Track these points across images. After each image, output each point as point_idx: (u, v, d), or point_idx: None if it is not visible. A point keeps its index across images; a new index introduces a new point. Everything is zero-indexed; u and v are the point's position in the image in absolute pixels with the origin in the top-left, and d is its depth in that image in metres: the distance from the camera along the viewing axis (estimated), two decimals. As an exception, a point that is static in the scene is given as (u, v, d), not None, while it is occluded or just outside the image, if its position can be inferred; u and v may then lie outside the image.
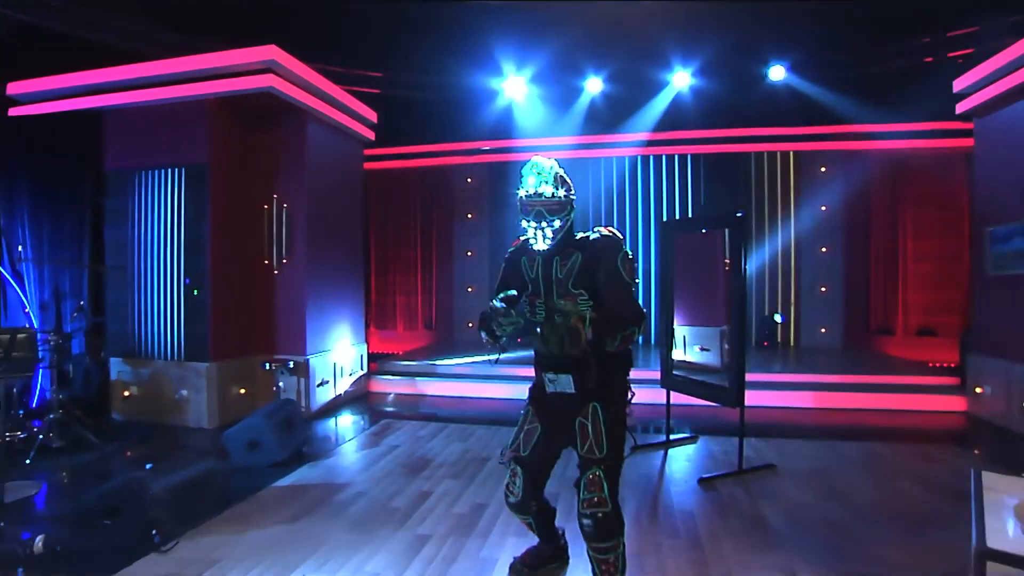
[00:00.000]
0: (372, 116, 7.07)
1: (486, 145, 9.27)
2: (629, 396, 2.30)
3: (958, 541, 2.47)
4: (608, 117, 8.67)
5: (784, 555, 2.83)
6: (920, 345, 8.12)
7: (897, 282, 8.41)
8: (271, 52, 5.16)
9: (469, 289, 9.62)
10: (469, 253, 9.66)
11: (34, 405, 5.77)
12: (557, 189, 2.20)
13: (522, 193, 2.22)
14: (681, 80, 8.09)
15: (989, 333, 5.55)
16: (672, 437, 4.71)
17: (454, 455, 4.47)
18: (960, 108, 6.00)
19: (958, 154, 7.79)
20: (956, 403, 5.83)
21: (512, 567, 2.61)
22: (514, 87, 8.45)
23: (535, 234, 2.23)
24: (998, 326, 5.38)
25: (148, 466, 4.14)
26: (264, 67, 5.23)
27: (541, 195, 2.19)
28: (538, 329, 2.25)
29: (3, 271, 6.02)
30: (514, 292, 2.26)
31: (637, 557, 2.78)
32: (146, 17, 6.08)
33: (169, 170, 5.54)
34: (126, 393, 5.67)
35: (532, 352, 2.39)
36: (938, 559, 2.69)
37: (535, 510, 2.47)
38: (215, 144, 5.48)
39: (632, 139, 8.72)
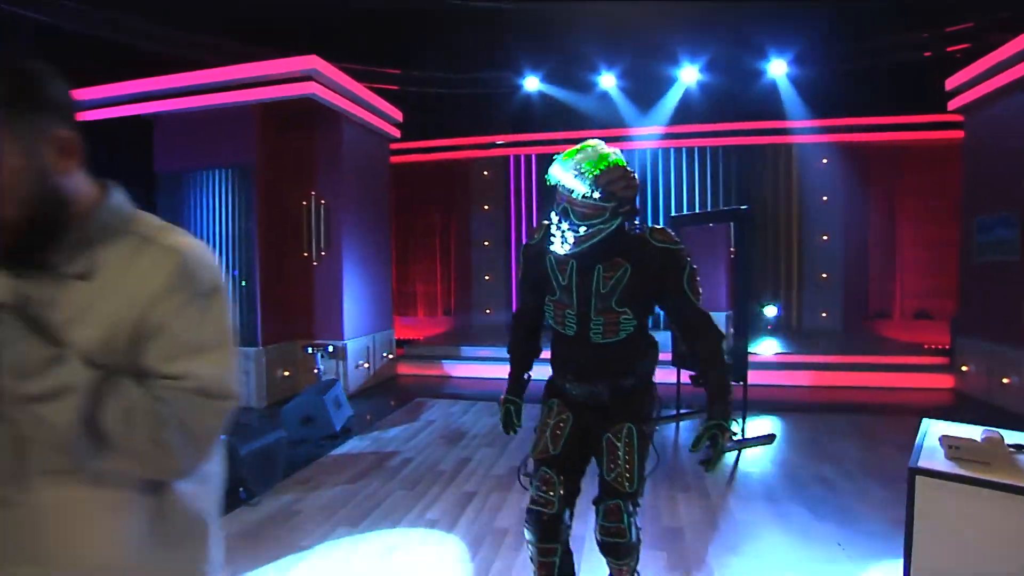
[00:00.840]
0: (397, 115, 7.51)
1: (500, 139, 9.71)
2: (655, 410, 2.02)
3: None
4: (621, 112, 9.08)
5: (781, 505, 3.34)
6: (917, 328, 8.57)
7: (894, 268, 8.84)
8: (312, 62, 5.62)
9: (487, 277, 10.10)
10: (486, 243, 10.12)
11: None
12: (592, 191, 1.69)
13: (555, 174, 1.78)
14: (689, 75, 8.49)
15: (974, 316, 6.01)
16: (682, 411, 5.21)
17: (486, 428, 4.99)
18: (951, 105, 6.40)
19: (954, 145, 8.16)
20: (945, 381, 6.31)
21: None
22: (530, 83, 8.87)
23: (555, 232, 1.80)
24: (982, 309, 5.84)
25: (223, 437, 4.67)
26: (306, 75, 5.68)
27: (572, 191, 1.72)
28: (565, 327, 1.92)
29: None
30: (511, 411, 2.19)
31: (653, 509, 3.29)
32: (196, 27, 6.53)
33: (218, 171, 6.02)
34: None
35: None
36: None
37: (565, 539, 1.95)
38: (260, 146, 5.95)
39: (645, 132, 9.13)
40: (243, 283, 6.02)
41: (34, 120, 0.79)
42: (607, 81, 8.87)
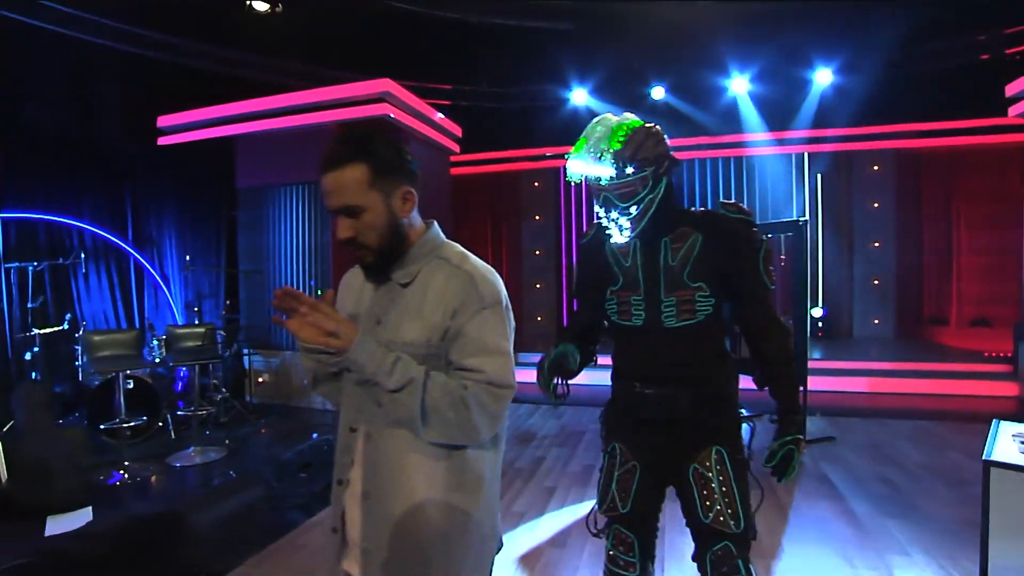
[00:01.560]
0: (457, 131, 7.89)
1: (549, 151, 10.01)
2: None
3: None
4: (667, 123, 9.27)
5: (846, 502, 3.51)
6: (974, 335, 8.45)
7: (951, 273, 8.75)
8: (386, 84, 6.03)
9: (537, 286, 10.40)
10: (537, 252, 10.43)
11: (179, 388, 6.86)
12: (622, 168, 1.53)
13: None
14: (739, 86, 8.63)
15: (1038, 322, 5.97)
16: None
17: (554, 429, 5.27)
18: (1012, 111, 6.38)
19: (1012, 149, 8.07)
20: (1008, 388, 6.28)
21: None
22: (578, 97, 9.17)
23: (609, 225, 1.65)
24: (1046, 316, 5.81)
25: (314, 436, 5.08)
26: (379, 97, 6.10)
27: (599, 178, 1.57)
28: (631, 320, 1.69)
29: (156, 276, 7.14)
30: (568, 351, 1.77)
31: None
32: (274, 52, 7.07)
33: (296, 187, 6.49)
34: (260, 379, 6.68)
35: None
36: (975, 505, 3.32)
37: None
38: (335, 165, 6.39)
39: (690, 143, 9.30)
40: (319, 292, 6.46)
41: (397, 181, 1.19)
42: (657, 93, 9.09)
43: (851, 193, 9.32)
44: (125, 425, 4.43)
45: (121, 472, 4.14)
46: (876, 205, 9.12)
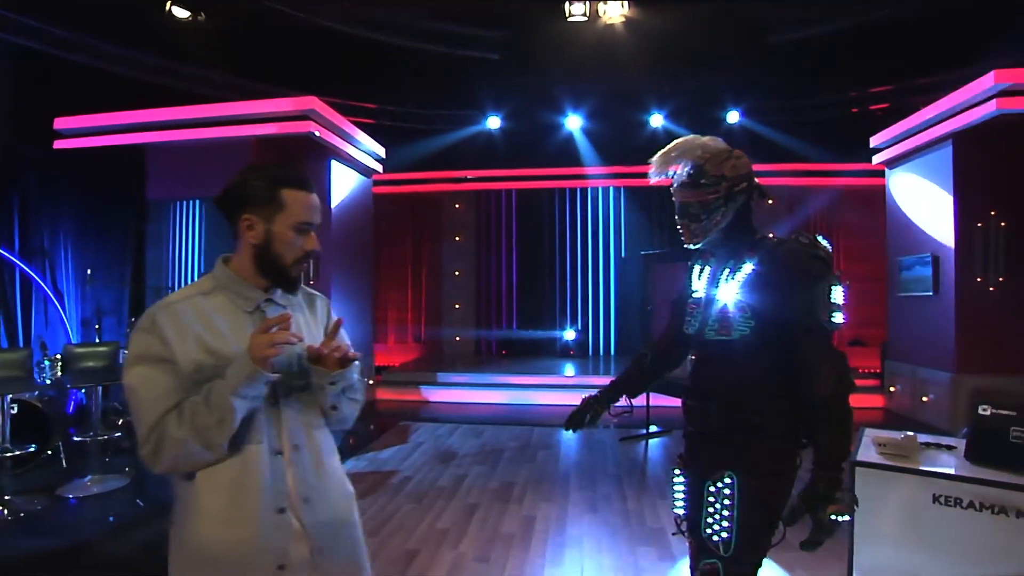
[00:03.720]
0: (381, 150, 7.91)
1: (470, 174, 10.23)
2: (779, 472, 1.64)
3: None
4: (579, 152, 9.79)
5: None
6: (852, 354, 9.36)
7: (832, 300, 9.76)
8: (311, 102, 5.98)
9: (456, 306, 10.50)
10: (457, 273, 10.55)
11: (70, 411, 6.31)
12: (698, 173, 1.64)
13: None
14: (657, 120, 9.31)
15: (899, 342, 6.84)
16: (651, 430, 5.73)
17: (474, 448, 5.35)
18: (876, 159, 7.33)
19: (879, 191, 9.21)
20: (876, 400, 7.10)
21: None
22: (493, 122, 9.52)
23: (681, 229, 1.73)
24: (905, 337, 6.67)
25: None
26: (304, 114, 6.03)
27: (674, 177, 1.71)
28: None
29: (47, 290, 6.57)
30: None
31: (637, 513, 3.74)
32: (194, 61, 6.81)
33: (209, 201, 6.23)
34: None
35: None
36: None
37: None
38: (255, 180, 6.22)
39: (600, 172, 9.85)
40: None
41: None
42: (572, 123, 9.58)
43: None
44: (7, 455, 4.05)
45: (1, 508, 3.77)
46: (772, 236, 10.00)
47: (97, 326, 5.95)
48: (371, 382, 7.71)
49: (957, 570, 2.06)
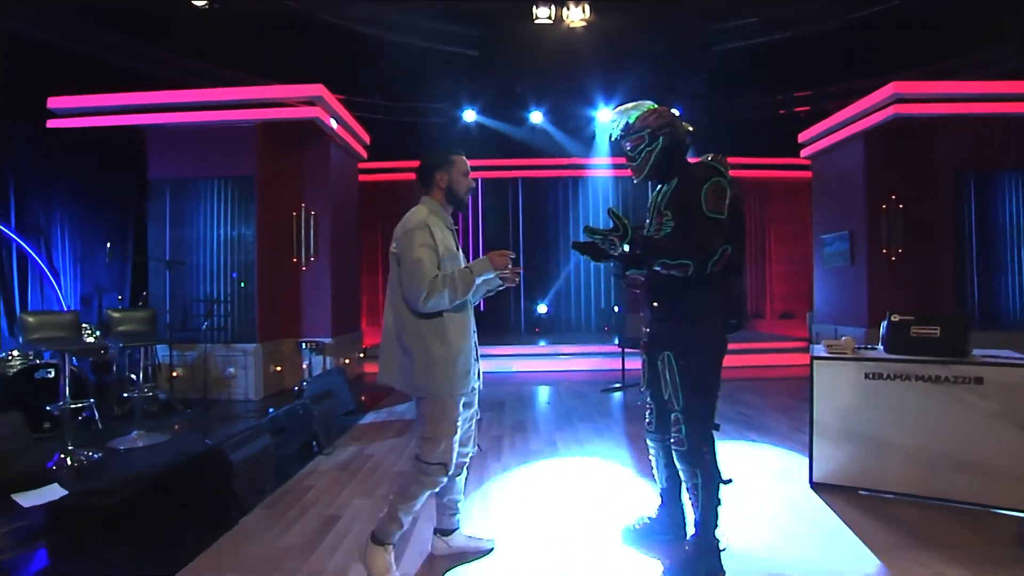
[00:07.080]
0: (367, 137, 8.42)
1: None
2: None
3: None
4: (547, 144, 10.66)
5: (715, 427, 4.81)
6: (783, 325, 10.86)
7: (766, 278, 11.13)
8: (319, 89, 6.46)
9: (430, 287, 11.08)
10: (430, 255, 11.11)
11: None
12: (628, 123, 2.33)
13: None
14: (604, 116, 10.26)
15: (824, 307, 8.12)
16: (627, 383, 6.65)
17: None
18: (803, 153, 8.60)
19: (805, 183, 10.61)
20: (804, 359, 8.33)
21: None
22: (469, 116, 10.20)
23: (632, 171, 2.42)
24: (828, 303, 7.95)
25: (271, 411, 5.31)
26: (311, 100, 6.50)
27: (614, 130, 2.40)
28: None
29: (43, 266, 6.69)
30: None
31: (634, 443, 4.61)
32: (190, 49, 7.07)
33: (216, 181, 6.57)
34: (175, 373, 6.59)
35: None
36: (802, 420, 4.81)
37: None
38: (261, 160, 6.61)
39: (565, 163, 10.75)
40: (242, 284, 6.60)
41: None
42: (536, 117, 10.42)
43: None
44: (68, 407, 4.38)
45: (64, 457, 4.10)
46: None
47: (99, 302, 6.19)
48: (361, 355, 8.24)
49: (880, 417, 3.06)
